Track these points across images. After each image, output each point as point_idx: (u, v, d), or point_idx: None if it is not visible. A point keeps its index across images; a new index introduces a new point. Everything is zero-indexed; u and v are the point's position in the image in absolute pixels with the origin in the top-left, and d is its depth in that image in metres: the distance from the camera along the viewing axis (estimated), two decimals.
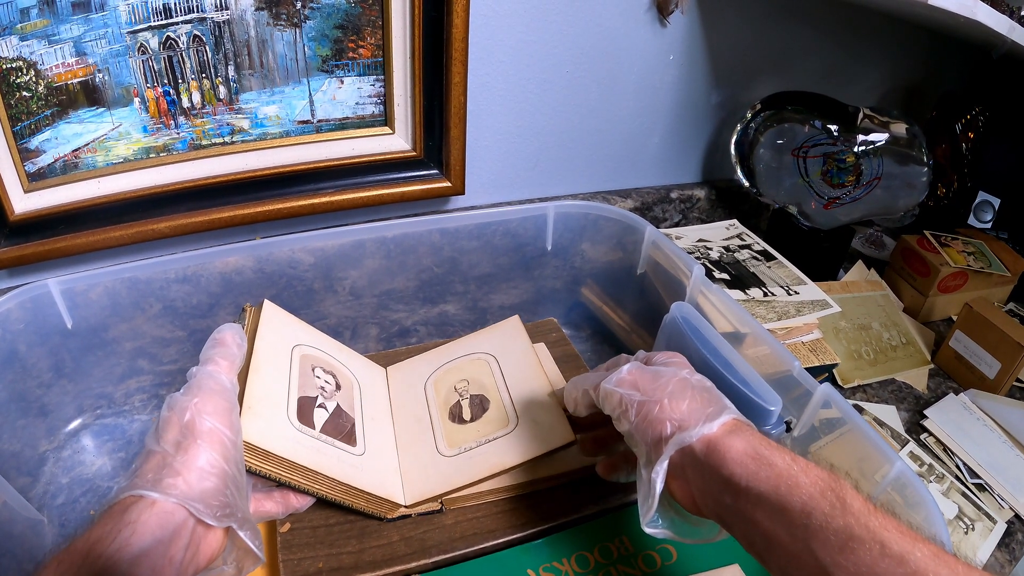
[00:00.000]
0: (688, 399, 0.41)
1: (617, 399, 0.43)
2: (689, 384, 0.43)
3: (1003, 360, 0.77)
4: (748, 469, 0.36)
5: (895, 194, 0.86)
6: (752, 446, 0.37)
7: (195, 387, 0.40)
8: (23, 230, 0.63)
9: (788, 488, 0.34)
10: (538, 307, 0.78)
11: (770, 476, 0.35)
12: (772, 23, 0.93)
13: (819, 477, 0.34)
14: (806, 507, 0.33)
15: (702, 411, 0.40)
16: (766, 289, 0.74)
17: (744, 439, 0.38)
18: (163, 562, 0.33)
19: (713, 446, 0.38)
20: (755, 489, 0.35)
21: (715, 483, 0.37)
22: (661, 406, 0.41)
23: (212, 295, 0.60)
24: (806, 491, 0.34)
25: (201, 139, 0.67)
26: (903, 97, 1.20)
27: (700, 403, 0.41)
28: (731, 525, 0.38)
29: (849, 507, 0.32)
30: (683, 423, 0.40)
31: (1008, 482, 0.68)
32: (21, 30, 0.56)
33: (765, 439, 0.38)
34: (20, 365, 0.55)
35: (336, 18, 0.66)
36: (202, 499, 0.35)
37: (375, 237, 0.64)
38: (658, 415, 0.41)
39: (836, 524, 0.32)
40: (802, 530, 0.33)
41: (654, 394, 0.42)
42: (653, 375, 0.44)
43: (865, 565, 0.31)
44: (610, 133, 0.91)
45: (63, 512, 0.55)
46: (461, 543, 0.48)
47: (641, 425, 0.41)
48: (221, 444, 0.38)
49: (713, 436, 0.38)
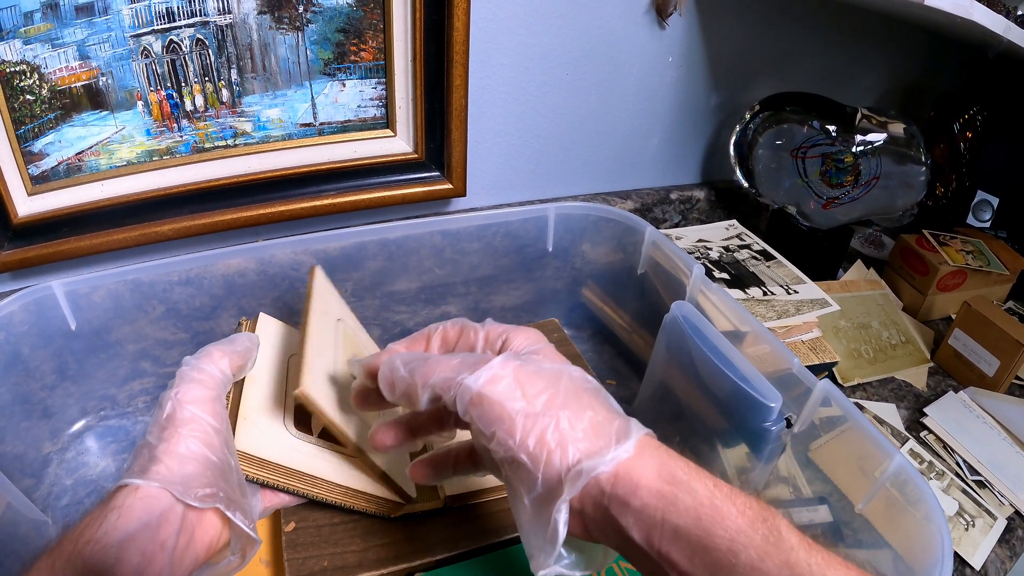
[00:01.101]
0: (589, 410, 0.33)
1: (494, 409, 0.33)
2: (583, 387, 0.35)
3: (1002, 358, 0.77)
4: (664, 498, 0.30)
5: (893, 194, 0.87)
6: (667, 469, 0.31)
7: (178, 379, 0.41)
8: (27, 233, 0.63)
9: (711, 520, 0.29)
10: (539, 308, 0.78)
11: (690, 506, 0.29)
12: (770, 25, 0.94)
13: (748, 505, 0.29)
14: (734, 543, 0.28)
15: (608, 427, 0.33)
16: (766, 288, 0.74)
17: (657, 460, 0.31)
18: (153, 546, 0.33)
19: (623, 473, 0.31)
20: (671, 522, 0.29)
21: (622, 516, 0.31)
22: (557, 423, 0.32)
23: (215, 297, 0.61)
24: (733, 523, 0.28)
25: (204, 142, 0.68)
26: (901, 97, 1.21)
27: (604, 416, 0.33)
28: (640, 563, 0.32)
29: (785, 541, 0.28)
30: (590, 447, 0.32)
31: (1008, 479, 0.68)
32: (25, 34, 0.56)
33: (681, 459, 0.32)
34: (24, 367, 0.55)
35: (338, 22, 0.67)
36: (183, 482, 0.36)
37: (377, 239, 0.64)
38: (554, 436, 0.32)
39: (772, 562, 0.27)
40: (729, 571, 0.28)
41: (547, 405, 0.33)
42: (536, 374, 0.34)
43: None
44: (610, 135, 0.91)
45: (67, 513, 0.55)
46: (465, 541, 0.49)
47: (532, 450, 0.32)
48: (202, 431, 0.38)
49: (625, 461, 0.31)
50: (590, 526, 0.32)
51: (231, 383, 0.45)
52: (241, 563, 0.39)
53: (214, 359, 0.43)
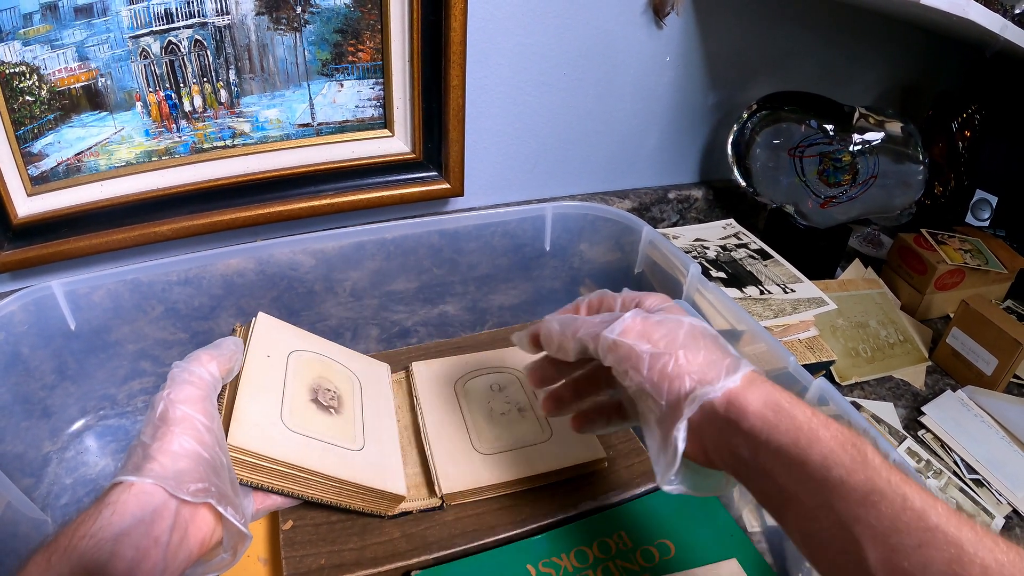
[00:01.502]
0: (704, 350, 0.39)
1: (626, 351, 0.39)
2: (701, 333, 0.40)
3: (1000, 356, 0.77)
4: (768, 422, 0.35)
5: (891, 192, 0.87)
6: (773, 399, 0.36)
7: (169, 381, 0.42)
8: (26, 233, 0.63)
9: (808, 441, 0.33)
10: (537, 307, 0.78)
11: (790, 429, 0.34)
12: (767, 24, 0.94)
13: (840, 431, 0.34)
14: (826, 460, 0.32)
15: (720, 363, 0.38)
16: (763, 287, 0.74)
17: (764, 391, 0.36)
18: (147, 542, 0.34)
19: (733, 400, 0.36)
20: (774, 442, 0.34)
21: (733, 437, 0.36)
22: (676, 359, 0.38)
23: (214, 297, 0.61)
24: (826, 444, 0.33)
25: (203, 142, 0.68)
26: (899, 96, 1.21)
27: (717, 354, 0.39)
28: (747, 479, 0.37)
29: (870, 462, 0.32)
30: (703, 377, 0.37)
31: (1006, 477, 0.68)
32: (24, 35, 0.57)
33: (785, 392, 0.37)
34: (23, 367, 0.56)
35: (336, 22, 0.67)
36: (176, 478, 0.36)
37: (375, 239, 0.65)
38: (675, 370, 0.38)
39: (857, 478, 0.31)
40: (821, 484, 0.32)
41: (668, 346, 0.39)
42: (660, 323, 0.40)
43: (887, 518, 0.30)
44: (607, 134, 0.92)
45: (66, 512, 0.55)
46: (461, 539, 0.49)
47: (656, 380, 0.38)
48: (194, 429, 0.39)
49: (734, 390, 0.36)
50: (708, 447, 0.37)
51: (220, 385, 0.46)
52: (233, 560, 0.40)
53: (203, 362, 0.44)
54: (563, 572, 0.48)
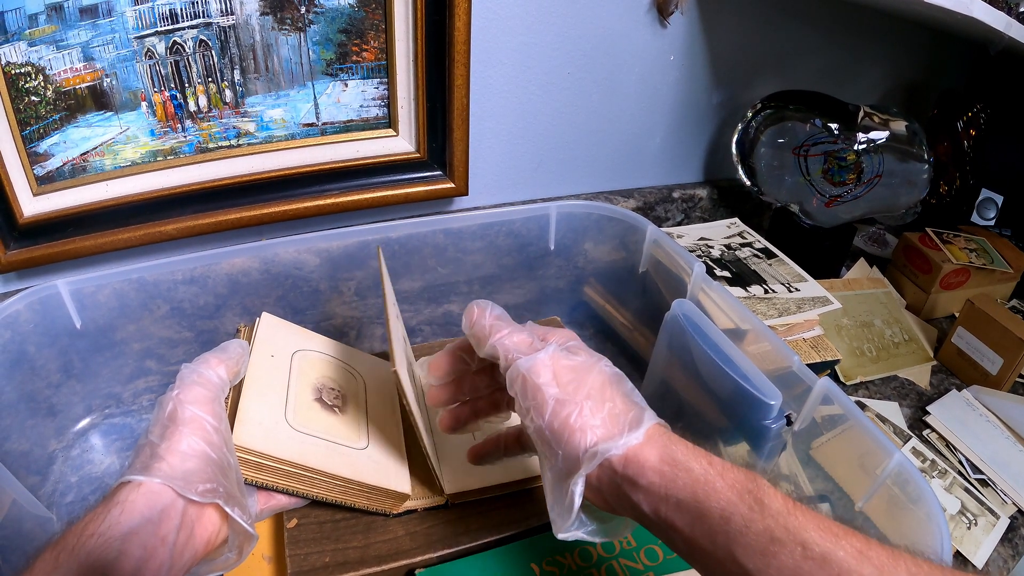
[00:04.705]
0: (609, 402, 0.38)
1: (532, 389, 0.39)
2: (608, 380, 0.40)
3: (1005, 356, 0.77)
4: (666, 477, 0.35)
5: (896, 191, 0.87)
6: (668, 452, 0.35)
7: (178, 382, 0.43)
8: (32, 233, 0.63)
9: (706, 493, 0.33)
10: (541, 306, 0.78)
11: (687, 483, 0.34)
12: (771, 22, 0.94)
13: (736, 480, 0.33)
14: (725, 512, 0.32)
15: (624, 418, 0.38)
16: (767, 286, 0.74)
17: (660, 446, 0.36)
18: (154, 541, 0.34)
19: (632, 457, 0.36)
20: (673, 497, 0.34)
21: (633, 492, 0.36)
22: (580, 410, 0.38)
23: (219, 296, 0.61)
24: (724, 496, 0.33)
25: (207, 142, 0.68)
26: (904, 95, 1.20)
27: (621, 407, 0.38)
28: (652, 529, 0.36)
29: (768, 508, 0.32)
30: (605, 433, 0.37)
31: (1011, 477, 0.68)
32: (30, 36, 0.57)
33: (681, 441, 0.37)
34: (29, 366, 0.56)
35: (340, 22, 0.67)
36: (184, 478, 0.37)
37: (379, 238, 0.65)
38: (577, 421, 0.37)
39: (756, 527, 0.31)
40: (723, 536, 0.32)
41: (575, 394, 0.38)
42: (572, 367, 0.40)
43: (788, 569, 0.30)
44: (612, 133, 0.91)
45: (72, 510, 0.55)
46: (465, 537, 0.49)
47: (556, 429, 0.38)
48: (202, 429, 0.40)
49: (634, 447, 0.36)
50: (608, 500, 0.37)
51: (228, 387, 0.46)
52: (238, 559, 0.40)
53: (211, 364, 0.45)
54: (567, 570, 0.48)
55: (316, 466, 0.46)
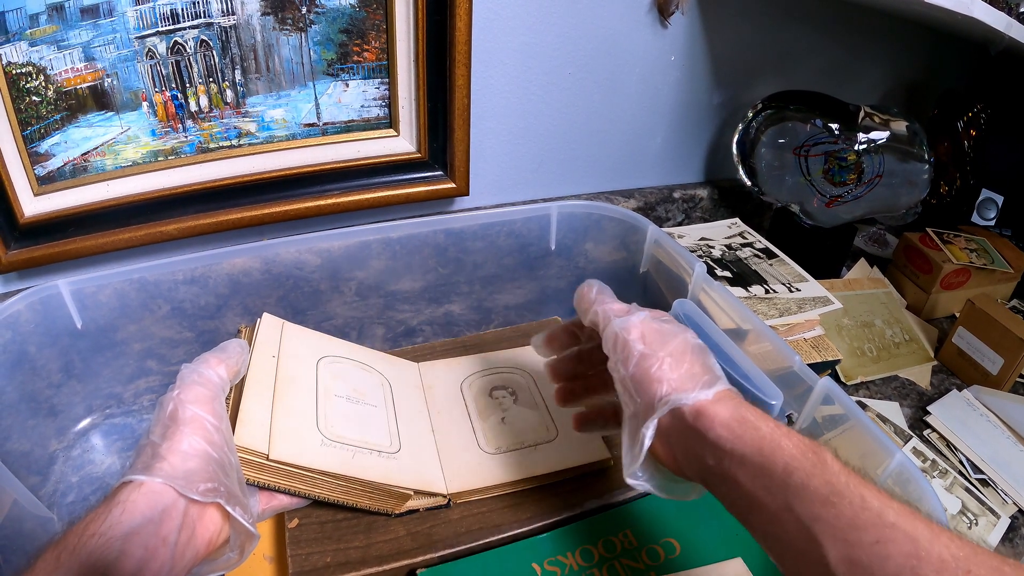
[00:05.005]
0: (687, 363, 0.41)
1: (621, 344, 0.43)
2: (690, 347, 0.43)
3: (1006, 356, 0.77)
4: (734, 432, 0.37)
5: (897, 191, 0.87)
6: (739, 412, 0.38)
7: (179, 382, 0.43)
8: (33, 233, 0.64)
9: (771, 450, 0.35)
10: (542, 307, 0.78)
11: (754, 439, 0.36)
12: (772, 23, 0.94)
13: (800, 441, 0.35)
14: (788, 467, 0.34)
15: (699, 377, 0.40)
16: (768, 286, 0.74)
17: (732, 406, 0.38)
18: (155, 541, 0.34)
19: (703, 411, 0.38)
20: (739, 451, 0.36)
21: (700, 446, 0.38)
22: (661, 364, 0.41)
23: (220, 296, 0.61)
24: (788, 452, 0.35)
25: (208, 142, 0.68)
26: (904, 95, 1.20)
27: (698, 368, 0.41)
28: (713, 486, 0.39)
29: (829, 467, 0.33)
30: (679, 386, 0.40)
31: (1011, 477, 0.68)
32: (31, 36, 0.57)
33: (753, 407, 0.39)
34: (30, 366, 0.56)
35: (341, 22, 0.67)
36: (186, 477, 0.37)
37: (381, 238, 0.65)
38: (656, 373, 0.41)
39: (816, 481, 0.33)
40: (782, 488, 0.34)
41: (658, 351, 0.42)
42: (659, 330, 0.44)
43: (845, 517, 0.31)
44: (612, 134, 0.91)
45: (73, 510, 0.55)
46: (467, 537, 0.49)
47: (637, 377, 0.41)
48: (203, 429, 0.40)
49: (705, 402, 0.39)
50: (676, 454, 0.40)
51: (228, 387, 0.46)
52: (239, 559, 0.40)
53: (211, 364, 0.45)
54: (568, 570, 0.48)
55: (321, 466, 0.46)
